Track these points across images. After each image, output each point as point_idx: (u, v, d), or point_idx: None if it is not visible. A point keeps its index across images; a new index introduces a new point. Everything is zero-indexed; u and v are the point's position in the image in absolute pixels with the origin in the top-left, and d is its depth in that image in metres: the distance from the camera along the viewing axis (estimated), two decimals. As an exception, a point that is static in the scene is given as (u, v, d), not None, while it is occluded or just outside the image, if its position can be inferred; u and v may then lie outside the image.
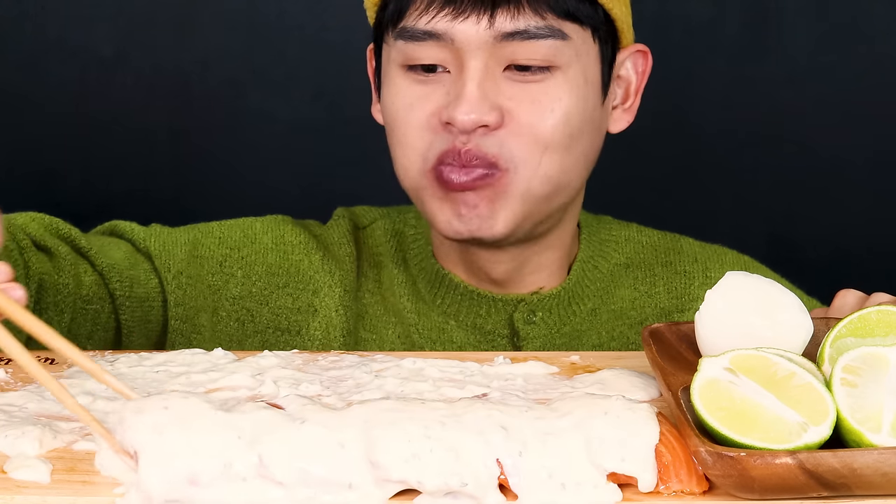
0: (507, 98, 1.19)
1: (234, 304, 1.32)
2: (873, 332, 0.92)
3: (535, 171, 1.21)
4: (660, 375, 0.93)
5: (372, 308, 1.34)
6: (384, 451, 0.81)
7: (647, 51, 1.30)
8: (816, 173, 1.98)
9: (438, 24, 1.19)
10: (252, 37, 1.98)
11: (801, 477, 0.79)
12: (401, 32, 1.21)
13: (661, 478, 0.82)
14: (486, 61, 1.19)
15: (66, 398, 0.86)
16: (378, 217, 1.39)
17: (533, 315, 1.31)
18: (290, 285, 1.33)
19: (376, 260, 1.36)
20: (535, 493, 0.80)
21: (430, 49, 1.20)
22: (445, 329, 1.32)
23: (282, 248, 1.34)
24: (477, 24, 1.18)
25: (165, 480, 0.79)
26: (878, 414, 0.82)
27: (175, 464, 0.80)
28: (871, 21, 1.95)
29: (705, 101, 1.98)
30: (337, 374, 1.03)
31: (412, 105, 1.22)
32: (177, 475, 0.80)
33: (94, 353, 1.09)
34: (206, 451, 0.80)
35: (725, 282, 0.97)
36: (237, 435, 0.81)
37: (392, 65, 1.24)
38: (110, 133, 1.99)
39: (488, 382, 1.00)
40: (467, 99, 1.18)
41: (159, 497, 0.79)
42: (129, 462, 0.82)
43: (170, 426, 0.81)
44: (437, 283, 1.32)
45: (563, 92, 1.20)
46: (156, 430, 0.81)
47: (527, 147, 1.20)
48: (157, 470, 0.80)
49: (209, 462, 0.80)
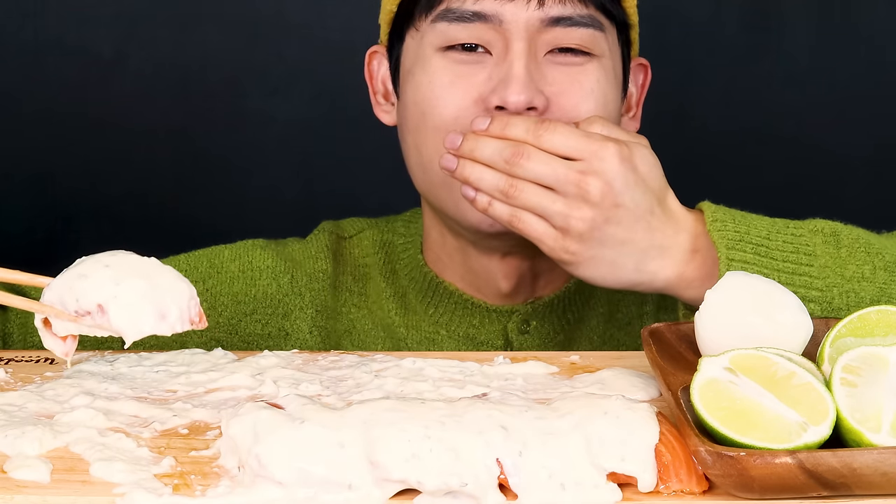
0: (549, 83, 1.18)
1: (201, 336, 1.30)
2: (873, 332, 0.92)
3: None
4: (660, 375, 0.93)
5: (359, 322, 1.33)
6: (384, 450, 0.81)
7: (647, 64, 1.32)
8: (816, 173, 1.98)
9: (487, 5, 1.18)
10: (252, 37, 1.98)
11: (800, 477, 0.79)
12: (444, 14, 1.19)
13: (660, 477, 0.82)
14: (530, 44, 1.18)
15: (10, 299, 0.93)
16: (365, 227, 1.38)
17: (527, 325, 1.30)
18: (257, 311, 1.32)
19: (362, 272, 1.35)
20: (535, 492, 0.81)
21: (475, 29, 1.18)
22: (436, 339, 1.31)
23: (248, 275, 1.32)
24: (527, 4, 1.17)
25: (135, 319, 0.89)
26: (877, 414, 0.82)
27: (142, 304, 0.89)
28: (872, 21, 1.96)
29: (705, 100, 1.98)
30: (337, 374, 1.03)
31: (452, 83, 1.19)
32: (145, 313, 0.90)
33: (93, 353, 1.09)
34: (169, 287, 0.91)
35: (725, 282, 0.98)
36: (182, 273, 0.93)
37: (427, 49, 1.21)
38: (110, 133, 1.99)
39: (488, 382, 1.00)
40: (518, 79, 1.16)
41: (133, 335, 0.90)
42: (88, 320, 0.89)
43: (124, 276, 0.90)
44: (430, 292, 1.31)
45: (600, 76, 1.20)
46: (114, 281, 0.89)
47: None
48: (126, 311, 0.89)
49: (174, 297, 0.90)
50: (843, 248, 1.13)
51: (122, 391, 0.99)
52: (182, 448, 0.88)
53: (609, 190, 1.07)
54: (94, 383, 1.00)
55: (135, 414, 0.94)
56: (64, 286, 0.91)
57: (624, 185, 1.07)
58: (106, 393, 0.98)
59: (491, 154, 1.09)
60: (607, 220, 1.07)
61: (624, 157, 1.08)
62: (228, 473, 0.84)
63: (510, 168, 1.08)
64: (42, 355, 1.08)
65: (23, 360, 1.07)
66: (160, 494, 0.81)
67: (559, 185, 1.07)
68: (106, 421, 0.92)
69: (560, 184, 1.07)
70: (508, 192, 1.09)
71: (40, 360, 1.07)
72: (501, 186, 1.09)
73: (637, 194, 1.08)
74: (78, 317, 0.90)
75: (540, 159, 1.08)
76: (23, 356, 1.08)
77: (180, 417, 0.93)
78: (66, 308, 0.91)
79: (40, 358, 1.08)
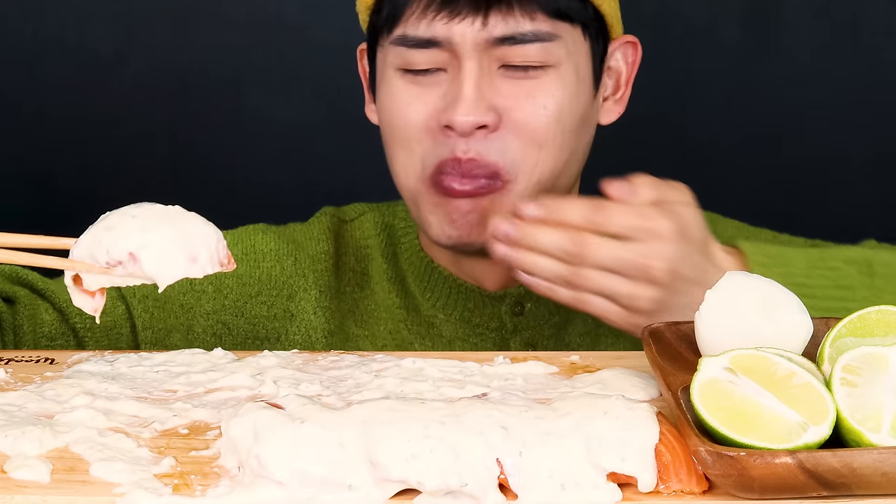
0: (503, 96, 1.21)
1: (208, 318, 1.33)
2: (873, 332, 0.92)
3: (531, 176, 1.22)
4: (660, 375, 0.93)
5: (362, 303, 1.34)
6: (384, 450, 0.81)
7: (637, 41, 1.32)
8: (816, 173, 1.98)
9: (437, 30, 1.20)
10: (252, 37, 1.98)
11: (800, 477, 0.79)
12: (399, 40, 1.22)
13: (660, 478, 0.82)
14: (480, 61, 1.20)
15: (48, 260, 0.94)
16: (367, 210, 1.40)
17: (521, 307, 1.32)
18: (262, 293, 1.34)
19: (363, 253, 1.37)
20: (535, 492, 0.80)
21: (429, 54, 1.21)
22: (434, 323, 1.33)
23: (252, 258, 1.34)
24: (472, 25, 1.19)
25: (167, 264, 0.90)
26: (877, 414, 0.82)
27: (173, 249, 0.90)
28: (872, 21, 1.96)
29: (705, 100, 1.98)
30: (337, 374, 1.03)
31: (409, 104, 1.23)
32: (176, 257, 0.90)
33: (93, 353, 1.09)
34: (198, 232, 0.92)
35: (725, 281, 0.98)
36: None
37: (388, 68, 1.24)
38: (110, 133, 1.99)
39: (488, 382, 1.00)
40: (465, 100, 1.19)
41: (166, 279, 0.90)
42: (120, 270, 0.90)
43: (152, 223, 0.91)
44: (427, 276, 1.33)
45: (555, 88, 1.21)
46: (143, 229, 0.91)
47: (525, 147, 1.21)
48: (158, 257, 0.90)
49: (202, 241, 0.92)
50: (878, 278, 1.15)
51: (122, 391, 0.99)
52: (182, 448, 0.88)
53: (671, 268, 1.09)
54: (94, 383, 1.00)
55: (135, 414, 0.94)
56: (92, 240, 0.92)
57: (682, 259, 1.10)
58: (106, 393, 0.98)
59: (549, 245, 1.11)
60: (672, 293, 1.10)
61: (679, 230, 1.10)
62: (228, 473, 0.84)
63: (572, 259, 1.10)
64: (42, 355, 1.08)
65: (23, 360, 1.07)
66: (160, 494, 0.81)
67: (623, 269, 1.09)
68: (106, 421, 0.92)
69: (624, 268, 1.09)
70: (572, 280, 1.11)
71: (40, 360, 1.07)
72: (564, 275, 1.11)
73: (694, 260, 1.11)
74: (109, 268, 0.91)
75: (601, 247, 1.09)
76: (23, 356, 1.08)
77: (180, 417, 0.93)
78: (97, 261, 0.91)
79: (40, 358, 1.08)
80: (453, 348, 1.31)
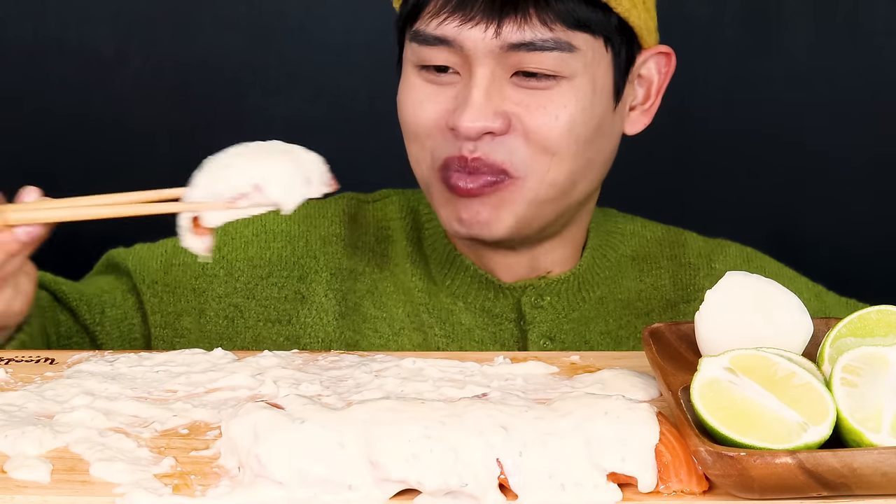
0: (514, 104, 1.20)
1: (220, 302, 1.33)
2: (873, 332, 0.92)
3: (543, 178, 1.22)
4: (660, 375, 0.93)
5: (381, 284, 1.34)
6: (384, 450, 0.81)
7: (671, 52, 1.30)
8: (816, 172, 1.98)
9: (448, 30, 1.20)
10: (252, 37, 1.98)
11: (800, 477, 0.79)
12: (414, 36, 1.23)
13: (661, 478, 0.82)
14: (492, 68, 1.20)
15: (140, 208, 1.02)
16: (392, 194, 1.41)
17: (541, 299, 1.32)
18: (273, 274, 1.34)
19: (385, 234, 1.37)
20: (535, 493, 0.81)
21: (441, 52, 1.21)
22: (454, 311, 1.32)
23: (262, 238, 1.35)
24: (484, 31, 1.18)
25: (290, 189, 0.98)
26: (878, 414, 0.82)
27: (292, 174, 0.98)
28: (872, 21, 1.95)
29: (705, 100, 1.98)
30: (337, 374, 1.03)
31: (422, 102, 1.23)
32: (296, 181, 0.98)
33: (93, 353, 1.09)
34: (305, 157, 1.00)
35: (725, 281, 0.98)
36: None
37: (408, 63, 1.26)
38: (110, 133, 1.99)
39: (488, 382, 1.00)
40: (472, 106, 1.19)
41: (292, 203, 0.98)
42: (244, 202, 0.97)
43: (265, 155, 0.99)
44: (448, 264, 1.33)
45: (568, 100, 1.20)
46: (260, 161, 0.99)
47: (535, 153, 1.21)
48: (280, 183, 0.98)
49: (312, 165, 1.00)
50: None
51: (122, 391, 0.99)
52: (182, 448, 0.88)
53: None
54: (94, 383, 1.00)
55: (135, 414, 0.94)
56: (212, 180, 0.99)
57: None
58: (106, 393, 0.98)
59: None
60: None
61: None
62: (228, 473, 0.84)
63: None
64: (42, 355, 1.08)
65: (23, 360, 1.07)
66: (160, 494, 0.81)
67: None
68: (106, 421, 0.92)
69: None
70: None
71: (40, 360, 1.07)
72: None
73: None
74: (234, 201, 0.97)
75: None
76: (23, 356, 1.08)
77: (180, 417, 0.93)
78: (220, 198, 0.97)
79: (40, 358, 1.08)
80: (472, 336, 1.31)
